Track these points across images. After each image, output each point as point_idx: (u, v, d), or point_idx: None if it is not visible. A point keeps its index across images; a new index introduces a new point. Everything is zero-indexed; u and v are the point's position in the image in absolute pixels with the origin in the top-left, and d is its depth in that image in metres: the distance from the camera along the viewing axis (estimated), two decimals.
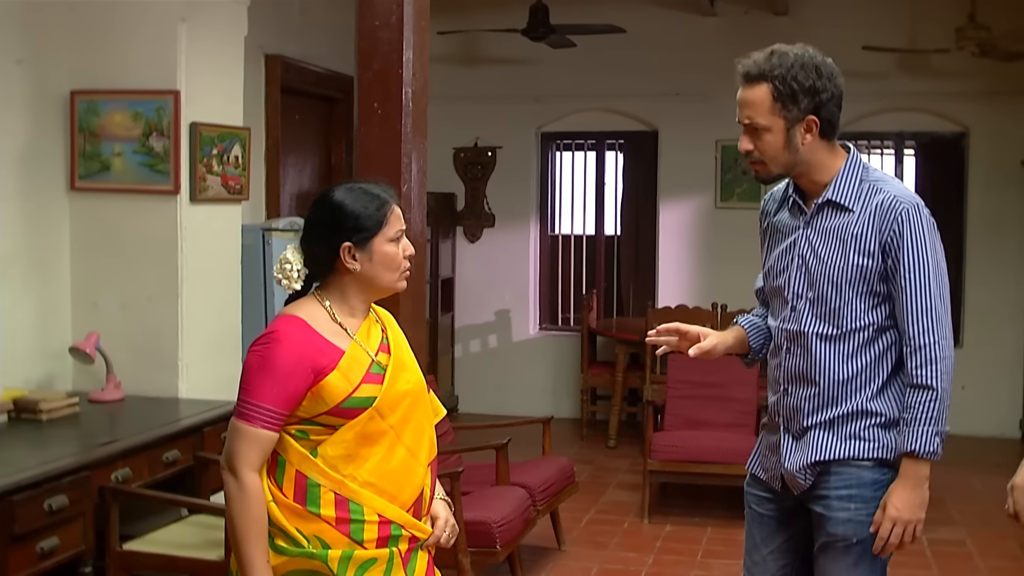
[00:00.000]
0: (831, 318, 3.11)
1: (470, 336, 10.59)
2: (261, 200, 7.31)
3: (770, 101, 3.05)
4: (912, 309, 3.02)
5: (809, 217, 3.17)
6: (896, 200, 3.05)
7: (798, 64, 3.05)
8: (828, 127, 3.11)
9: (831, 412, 3.12)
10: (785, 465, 3.20)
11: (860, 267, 3.06)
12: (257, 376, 2.74)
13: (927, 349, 3.00)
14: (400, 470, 2.86)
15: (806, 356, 3.15)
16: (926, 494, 3.07)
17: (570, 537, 6.62)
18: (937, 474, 8.75)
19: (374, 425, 2.81)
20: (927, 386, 2.99)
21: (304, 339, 2.77)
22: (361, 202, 2.82)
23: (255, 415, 2.72)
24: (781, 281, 3.23)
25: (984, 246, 9.78)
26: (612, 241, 10.70)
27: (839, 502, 3.12)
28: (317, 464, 2.78)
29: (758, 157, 3.13)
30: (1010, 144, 9.48)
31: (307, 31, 7.81)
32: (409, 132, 3.36)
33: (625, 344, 9.16)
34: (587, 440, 9.39)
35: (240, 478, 2.73)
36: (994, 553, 6.50)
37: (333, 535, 2.77)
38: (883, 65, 9.42)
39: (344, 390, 2.77)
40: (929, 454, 3.02)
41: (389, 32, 3.36)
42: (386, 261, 2.85)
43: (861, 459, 3.11)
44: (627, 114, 10.35)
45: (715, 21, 9.79)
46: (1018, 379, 9.60)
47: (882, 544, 3.06)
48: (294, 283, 2.86)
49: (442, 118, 9.69)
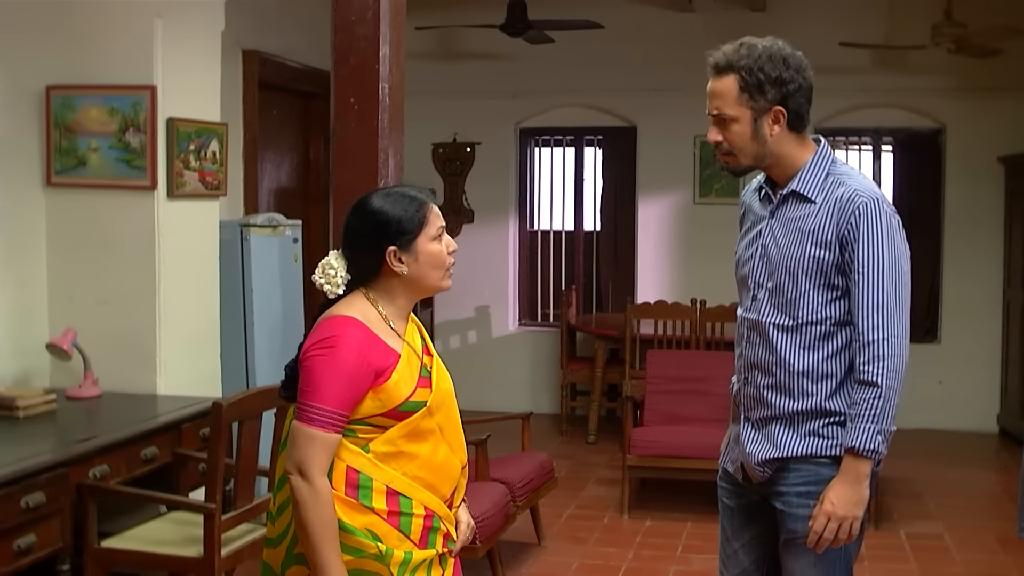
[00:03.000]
0: (788, 309, 3.11)
1: (450, 332, 10.59)
2: (239, 196, 7.28)
3: (737, 91, 3.08)
4: (864, 304, 3.00)
5: (774, 207, 3.19)
6: (856, 193, 3.05)
7: (766, 55, 3.07)
8: (796, 119, 3.12)
9: (790, 407, 3.12)
10: (746, 453, 3.21)
11: (817, 259, 3.06)
12: (323, 379, 2.75)
13: (875, 345, 2.98)
14: (443, 466, 2.92)
15: (764, 346, 3.16)
16: (865, 492, 3.04)
17: (550, 532, 6.62)
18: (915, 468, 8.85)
19: (425, 423, 2.86)
20: (872, 383, 2.98)
21: (365, 340, 2.80)
22: (400, 205, 2.86)
23: (326, 419, 2.74)
24: (746, 270, 3.25)
25: (961, 241, 9.83)
26: (591, 237, 10.71)
27: (798, 499, 3.12)
28: (369, 459, 2.81)
29: (727, 148, 3.16)
30: (986, 140, 9.53)
31: (284, 26, 7.78)
32: (386, 128, 3.35)
33: (604, 340, 9.17)
34: (567, 436, 9.39)
35: (314, 482, 2.73)
36: (971, 546, 6.54)
37: (384, 528, 2.80)
38: (860, 61, 9.46)
39: (403, 393, 2.82)
40: (870, 452, 2.99)
41: (365, 27, 3.35)
42: (431, 260, 2.89)
43: (820, 456, 3.10)
44: (606, 110, 10.37)
45: (693, 17, 9.79)
46: (995, 374, 9.65)
47: (816, 538, 3.05)
48: (337, 288, 2.88)
49: (420, 114, 9.67)
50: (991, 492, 7.71)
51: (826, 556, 3.11)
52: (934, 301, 10.07)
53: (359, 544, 2.77)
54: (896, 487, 7.71)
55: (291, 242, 6.93)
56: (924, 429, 9.60)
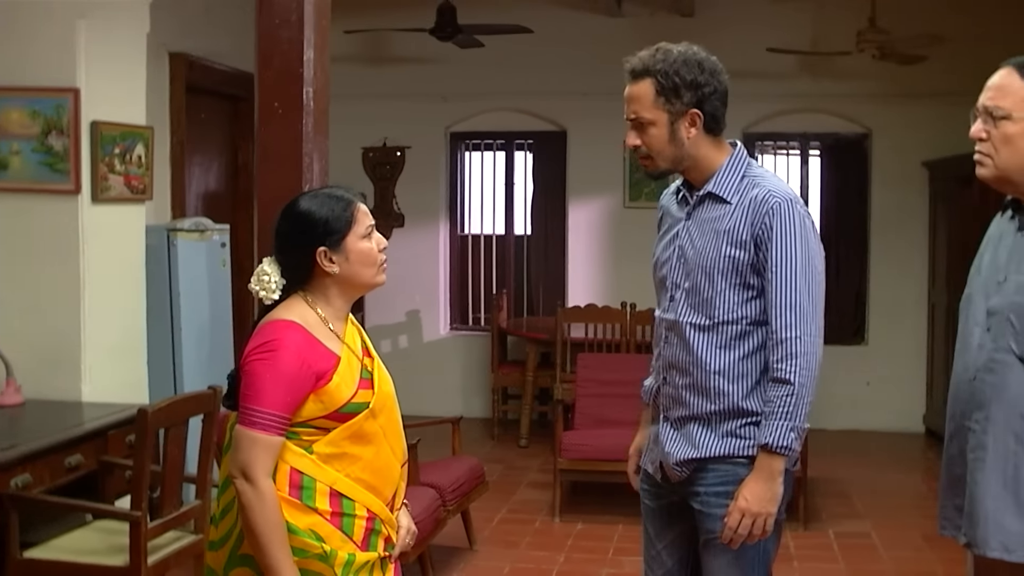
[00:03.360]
0: (704, 308, 3.15)
1: (380, 337, 10.53)
2: (166, 200, 7.19)
3: (654, 95, 3.12)
4: (777, 302, 3.05)
5: (691, 209, 3.24)
6: (770, 194, 3.10)
7: (681, 60, 3.12)
8: (712, 121, 3.17)
9: (707, 406, 3.16)
10: (664, 452, 3.25)
11: (732, 258, 3.11)
12: (264, 383, 2.76)
13: (788, 343, 3.03)
14: (385, 468, 2.94)
15: (681, 346, 3.19)
16: (778, 488, 3.09)
17: (481, 536, 6.62)
18: (843, 468, 8.93)
19: (368, 426, 2.88)
20: (786, 380, 3.03)
21: (304, 343, 2.82)
22: (328, 206, 2.88)
23: (268, 423, 2.75)
24: (664, 271, 3.29)
25: (887, 245, 9.97)
26: (522, 241, 10.73)
27: (716, 499, 3.15)
28: (312, 460, 2.83)
29: (645, 152, 3.19)
30: (911, 145, 9.66)
31: (212, 29, 7.70)
32: (310, 132, 3.33)
33: (535, 343, 9.19)
34: (498, 439, 9.40)
35: (258, 485, 2.74)
36: (898, 545, 6.62)
37: (327, 529, 2.82)
38: (787, 67, 9.56)
39: (344, 395, 2.84)
40: (783, 449, 3.04)
41: (289, 31, 3.33)
42: (362, 258, 2.90)
43: (737, 456, 3.14)
44: (536, 114, 10.39)
45: (622, 22, 9.84)
46: (921, 374, 9.79)
47: (730, 534, 3.09)
48: (272, 294, 2.89)
49: (350, 118, 9.66)
50: (917, 491, 7.81)
51: (744, 555, 3.15)
52: (861, 303, 10.21)
53: (303, 545, 2.79)
54: (824, 487, 7.79)
55: (219, 247, 6.86)
56: (852, 430, 9.73)
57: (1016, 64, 2.76)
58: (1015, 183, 2.78)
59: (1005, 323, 2.74)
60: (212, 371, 6.34)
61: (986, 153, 2.78)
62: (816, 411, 8.87)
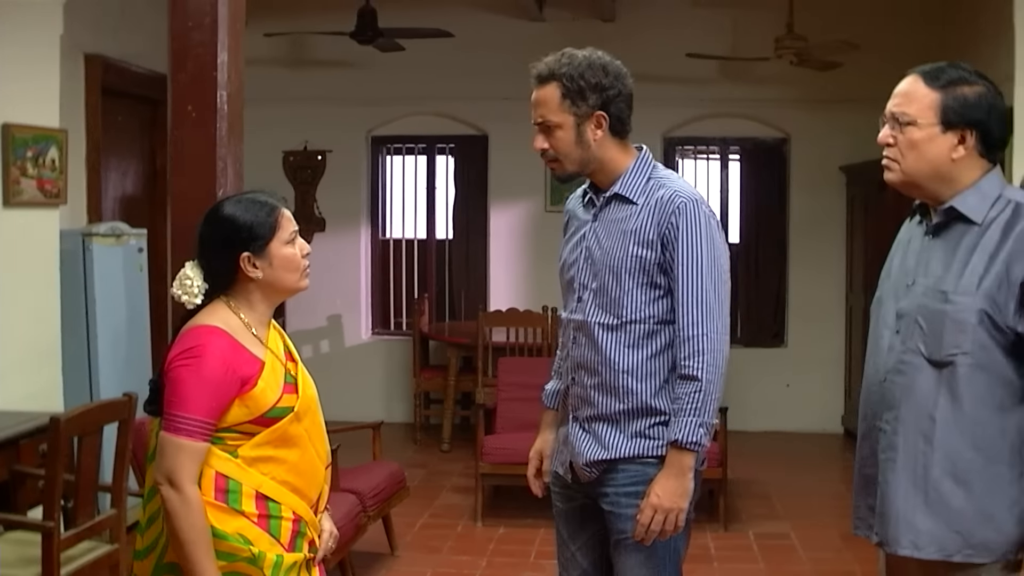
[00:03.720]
0: (612, 308, 3.20)
1: (302, 342, 10.46)
2: (82, 204, 7.10)
3: (559, 98, 3.18)
4: (684, 300, 3.12)
5: (597, 211, 3.30)
6: (676, 195, 3.17)
7: (585, 63, 3.18)
8: (617, 123, 3.23)
9: (616, 406, 3.20)
10: (574, 455, 3.28)
11: (640, 258, 3.16)
12: (189, 389, 2.76)
13: (695, 340, 3.10)
14: (310, 471, 2.95)
15: (590, 346, 3.24)
16: (689, 484, 3.14)
17: (403, 542, 6.59)
18: (763, 470, 8.98)
19: (293, 429, 2.89)
20: (693, 377, 3.09)
21: (229, 349, 2.82)
22: (252, 211, 2.89)
23: (193, 428, 2.76)
24: (572, 272, 3.35)
25: (806, 248, 10.10)
26: (443, 245, 10.72)
27: (627, 499, 3.20)
28: (237, 464, 2.83)
29: (553, 155, 3.25)
30: (829, 149, 9.79)
31: (128, 30, 7.59)
32: (224, 136, 3.30)
33: (457, 348, 9.18)
34: (421, 444, 9.38)
35: (184, 492, 2.75)
36: (817, 545, 6.69)
37: (255, 532, 2.82)
38: (707, 72, 9.64)
39: (269, 400, 2.85)
40: (692, 445, 3.10)
41: (202, 34, 3.30)
42: (285, 263, 2.92)
43: (647, 457, 3.19)
44: (457, 118, 10.39)
45: (543, 26, 9.87)
46: (840, 376, 9.93)
47: (643, 531, 3.14)
48: (194, 299, 2.89)
49: (271, 121, 9.58)
50: (836, 491, 7.90)
51: (656, 555, 3.20)
52: (781, 306, 10.32)
53: (231, 549, 2.79)
54: (745, 489, 7.86)
55: (136, 252, 6.78)
56: (772, 431, 9.84)
57: (921, 72, 2.81)
58: (921, 187, 2.83)
59: (913, 325, 2.79)
60: (129, 377, 6.27)
61: (893, 158, 2.83)
62: (736, 413, 9.01)
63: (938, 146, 2.77)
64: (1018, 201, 2.75)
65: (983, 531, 2.71)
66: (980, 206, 2.76)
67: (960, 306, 2.70)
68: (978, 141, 2.77)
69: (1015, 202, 2.74)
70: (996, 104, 2.78)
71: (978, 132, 2.76)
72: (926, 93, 2.77)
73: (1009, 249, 2.67)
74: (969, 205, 2.76)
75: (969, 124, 2.75)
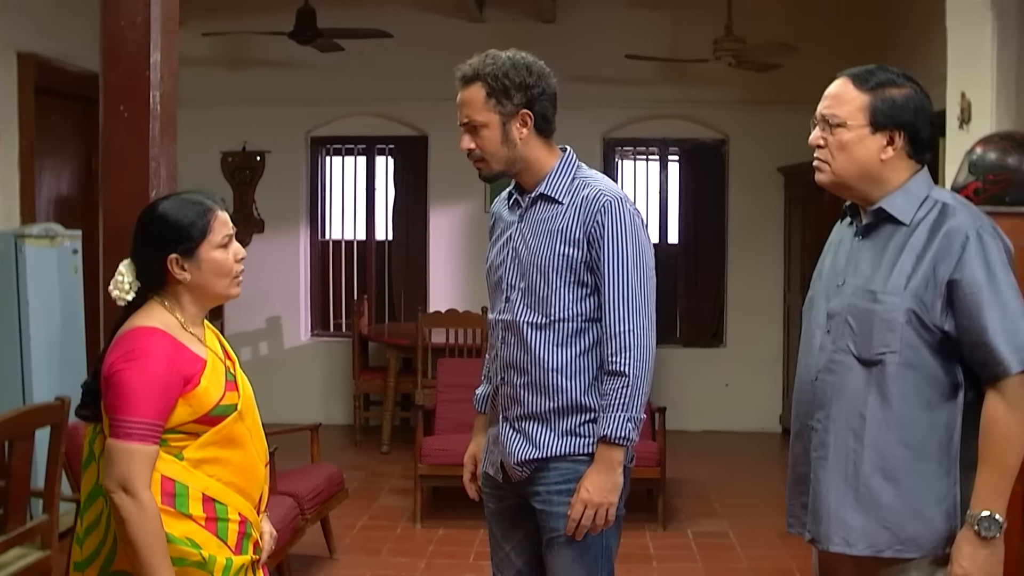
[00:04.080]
0: (541, 307, 3.23)
1: (240, 344, 10.39)
2: (15, 205, 7.00)
3: (484, 97, 3.23)
4: (611, 297, 3.16)
5: (523, 211, 3.33)
6: (600, 193, 3.22)
7: (509, 63, 3.23)
8: (542, 122, 3.27)
9: (545, 405, 3.23)
10: (505, 454, 3.31)
11: (567, 256, 3.20)
12: (134, 391, 2.69)
13: (622, 337, 3.15)
14: (253, 471, 2.91)
15: (519, 345, 3.27)
16: (618, 478, 3.19)
17: (342, 544, 6.57)
18: (701, 468, 9.02)
19: (237, 428, 2.85)
20: (620, 373, 3.14)
21: (170, 348, 2.76)
22: (184, 212, 2.83)
23: (144, 432, 2.68)
24: (500, 272, 3.36)
25: (744, 249, 10.19)
26: (383, 246, 10.69)
27: (558, 496, 3.23)
28: (183, 467, 2.78)
29: (479, 155, 3.29)
30: (766, 150, 9.88)
31: (63, 29, 7.49)
32: (157, 136, 3.27)
33: (397, 349, 9.16)
34: (360, 446, 9.35)
35: (139, 498, 2.67)
36: (754, 543, 6.75)
37: (203, 535, 2.77)
38: (647, 74, 9.70)
39: (213, 398, 2.80)
40: (621, 439, 3.14)
41: (135, 33, 3.26)
42: (215, 268, 2.86)
43: (578, 455, 3.22)
44: (397, 119, 10.37)
45: (484, 27, 9.88)
46: (778, 375, 10.01)
47: (574, 526, 3.17)
48: (125, 295, 2.83)
49: (209, 122, 9.52)
50: (774, 490, 7.91)
51: (588, 551, 3.23)
52: (720, 306, 10.39)
53: (181, 553, 2.74)
54: (683, 488, 7.91)
55: (70, 253, 6.69)
56: (711, 431, 9.91)
57: (851, 74, 2.85)
58: (851, 188, 2.87)
59: (844, 325, 2.83)
60: (64, 381, 6.19)
61: (824, 159, 2.87)
62: (675, 413, 9.06)
63: (867, 147, 2.81)
64: (945, 201, 2.79)
65: (912, 527, 2.75)
66: (908, 207, 2.80)
67: (889, 305, 2.74)
68: (906, 142, 2.82)
69: (942, 202, 2.79)
70: (924, 106, 2.83)
71: (906, 133, 2.81)
72: (855, 95, 2.82)
73: (936, 249, 2.72)
74: (897, 206, 2.81)
75: (898, 125, 2.80)
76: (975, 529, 2.66)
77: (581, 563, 3.24)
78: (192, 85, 9.12)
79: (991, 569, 2.68)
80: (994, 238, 2.72)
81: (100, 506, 2.80)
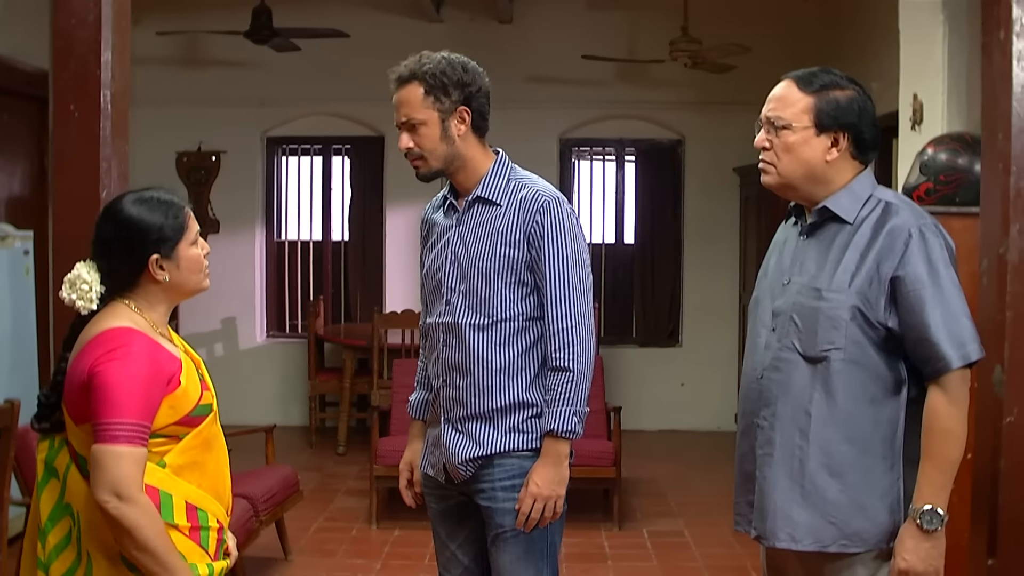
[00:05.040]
0: (482, 308, 3.28)
1: (195, 345, 10.09)
2: None
3: (422, 96, 3.27)
4: (552, 295, 3.23)
5: (460, 215, 3.37)
6: (539, 194, 3.28)
7: (445, 62, 3.29)
8: (479, 118, 3.33)
9: (489, 404, 3.28)
10: (448, 455, 3.34)
11: (507, 257, 3.26)
12: (120, 392, 2.59)
13: (564, 333, 3.22)
14: (223, 474, 2.89)
15: (461, 347, 3.30)
16: (565, 471, 3.26)
17: (297, 546, 6.56)
18: (657, 468, 9.05)
19: (213, 430, 2.82)
20: (565, 368, 3.21)
21: (151, 347, 2.70)
22: (159, 212, 2.78)
23: (133, 434, 2.59)
24: (440, 276, 3.39)
25: (700, 249, 10.26)
26: (339, 247, 10.68)
27: (503, 492, 3.28)
28: (166, 474, 2.72)
29: (418, 153, 3.33)
30: (722, 151, 9.93)
31: (14, 26, 7.41)
32: (108, 136, 3.24)
33: (353, 350, 9.15)
34: (316, 447, 9.33)
35: (137, 502, 2.58)
36: (709, 541, 6.80)
37: (188, 545, 2.73)
38: (604, 74, 9.74)
39: (193, 399, 2.76)
40: (567, 433, 3.21)
41: (86, 31, 3.24)
42: (191, 265, 2.85)
43: (522, 451, 3.28)
44: (353, 119, 10.35)
45: (441, 27, 9.89)
46: (733, 375, 10.03)
47: (524, 519, 3.23)
48: (90, 304, 2.74)
49: (164, 122, 9.49)
50: (729, 488, 7.84)
51: (534, 547, 3.28)
52: (676, 306, 10.44)
53: None
54: (639, 487, 7.95)
55: (22, 254, 6.65)
56: (667, 430, 9.97)
57: (795, 77, 2.89)
58: (797, 189, 2.91)
59: (789, 323, 2.87)
60: (15, 384, 6.14)
61: (769, 161, 2.91)
62: (631, 412, 9.10)
63: (812, 148, 2.85)
64: (888, 200, 2.84)
65: (857, 521, 2.79)
66: (852, 206, 2.84)
67: (833, 303, 2.78)
68: (851, 143, 2.86)
69: (885, 201, 2.84)
70: (867, 107, 2.87)
71: (850, 135, 2.85)
72: (800, 97, 2.86)
73: (879, 247, 2.76)
74: (842, 205, 2.85)
75: (842, 127, 2.84)
76: (917, 523, 2.70)
77: (527, 558, 3.29)
78: (147, 85, 9.12)
79: (933, 562, 2.72)
80: (936, 236, 2.77)
81: (68, 525, 2.70)
